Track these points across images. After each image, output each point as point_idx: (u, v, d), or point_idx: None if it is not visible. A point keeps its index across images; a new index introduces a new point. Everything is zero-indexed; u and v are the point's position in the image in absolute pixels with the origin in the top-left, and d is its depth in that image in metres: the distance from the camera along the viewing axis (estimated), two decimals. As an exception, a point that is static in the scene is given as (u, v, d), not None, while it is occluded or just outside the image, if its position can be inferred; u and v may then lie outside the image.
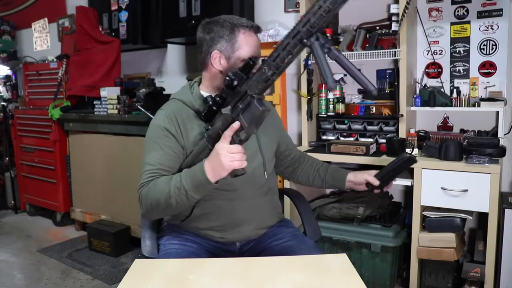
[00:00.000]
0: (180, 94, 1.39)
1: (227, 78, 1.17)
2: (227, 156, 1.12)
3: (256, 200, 1.42)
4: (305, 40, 1.02)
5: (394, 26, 2.23)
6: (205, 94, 1.37)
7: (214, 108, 1.22)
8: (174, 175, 1.23)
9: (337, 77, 2.51)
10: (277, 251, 1.37)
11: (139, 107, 2.82)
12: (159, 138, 1.31)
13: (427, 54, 2.39)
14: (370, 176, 1.46)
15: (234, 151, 1.13)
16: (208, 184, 1.16)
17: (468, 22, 2.28)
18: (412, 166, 2.02)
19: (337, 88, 2.43)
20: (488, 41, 2.24)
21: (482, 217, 2.08)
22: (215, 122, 1.22)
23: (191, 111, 1.34)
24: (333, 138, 2.43)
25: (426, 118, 2.40)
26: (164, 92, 3.04)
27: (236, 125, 1.15)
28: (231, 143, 1.15)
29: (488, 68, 2.25)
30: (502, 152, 1.98)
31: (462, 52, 2.32)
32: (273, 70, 1.09)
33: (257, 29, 1.35)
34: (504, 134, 2.17)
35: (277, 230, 1.46)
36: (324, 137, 2.48)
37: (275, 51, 1.08)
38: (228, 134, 1.15)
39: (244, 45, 1.31)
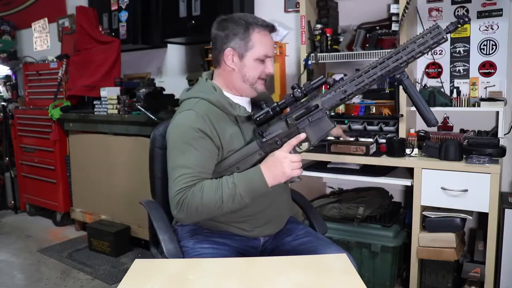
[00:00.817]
0: (203, 93, 1.34)
1: (298, 90, 1.21)
2: (290, 165, 1.19)
3: (284, 194, 1.48)
4: (397, 76, 1.15)
5: (394, 26, 2.23)
6: (225, 92, 1.37)
7: (271, 113, 1.25)
8: (221, 179, 1.21)
9: (337, 77, 2.51)
10: (294, 246, 1.40)
11: (139, 107, 2.83)
12: (193, 140, 1.25)
13: (427, 54, 2.38)
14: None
15: (295, 159, 1.20)
16: (266, 190, 1.20)
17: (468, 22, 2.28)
18: (412, 166, 2.03)
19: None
20: (488, 41, 2.24)
21: (482, 217, 2.08)
22: (271, 129, 1.25)
23: (219, 111, 1.32)
24: (333, 138, 2.43)
25: (426, 118, 2.40)
26: (164, 92, 3.05)
27: (303, 136, 1.21)
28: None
29: (488, 68, 2.25)
30: (502, 152, 1.98)
31: (462, 52, 2.32)
32: (353, 92, 1.18)
33: (272, 29, 1.36)
34: (504, 134, 2.17)
35: (290, 226, 1.49)
36: (324, 137, 2.47)
37: (358, 76, 1.16)
38: (293, 143, 1.21)
39: (258, 44, 1.32)
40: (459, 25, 1.13)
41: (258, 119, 1.26)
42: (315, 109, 1.21)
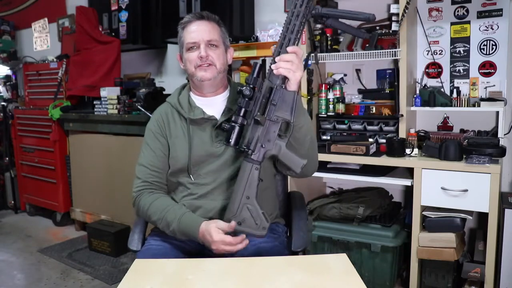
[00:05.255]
0: (171, 95, 1.46)
1: (246, 88, 1.17)
2: (220, 246, 1.19)
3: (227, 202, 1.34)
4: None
5: (394, 26, 2.23)
6: (192, 95, 1.42)
7: (238, 127, 1.20)
8: (170, 209, 1.31)
9: (337, 77, 2.51)
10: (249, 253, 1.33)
11: (139, 107, 2.82)
12: (149, 140, 1.42)
13: (427, 54, 2.39)
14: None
15: (228, 242, 1.19)
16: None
17: (468, 22, 2.28)
18: (412, 166, 2.03)
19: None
20: (488, 41, 2.24)
21: (482, 217, 2.08)
22: (248, 138, 1.19)
23: (176, 112, 1.41)
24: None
25: (426, 118, 2.40)
26: (164, 92, 3.05)
27: (233, 224, 1.21)
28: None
29: (488, 68, 2.25)
30: (502, 152, 1.98)
31: (462, 52, 2.32)
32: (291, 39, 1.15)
33: (195, 16, 1.36)
34: (504, 134, 2.17)
35: (253, 243, 1.36)
36: (324, 137, 2.48)
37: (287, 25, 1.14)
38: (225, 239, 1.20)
39: (185, 36, 1.35)
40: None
41: (232, 141, 1.18)
42: (271, 92, 1.16)
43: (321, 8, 1.16)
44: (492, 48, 2.24)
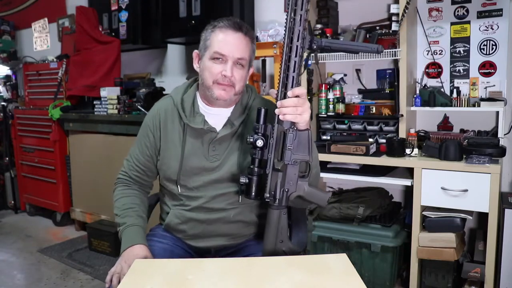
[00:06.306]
0: (175, 91, 1.40)
1: (258, 139, 1.12)
2: (117, 267, 1.24)
3: (229, 212, 1.33)
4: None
5: (394, 26, 2.23)
6: (198, 98, 1.36)
7: (256, 179, 1.15)
8: (128, 212, 1.37)
9: (337, 77, 2.51)
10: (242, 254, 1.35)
11: (139, 107, 2.83)
12: (142, 135, 1.40)
13: (427, 54, 2.39)
14: None
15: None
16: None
17: (468, 22, 2.28)
18: (412, 166, 2.03)
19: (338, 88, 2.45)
20: (488, 41, 2.24)
21: (482, 217, 2.08)
22: (270, 185, 1.14)
23: (177, 113, 1.34)
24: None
25: (426, 118, 2.40)
26: (164, 92, 3.05)
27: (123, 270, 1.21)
28: None
29: (488, 68, 2.25)
30: (502, 152, 1.98)
31: (462, 52, 2.32)
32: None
33: (233, 26, 1.25)
34: (504, 134, 2.17)
35: (255, 247, 1.36)
36: (324, 137, 2.48)
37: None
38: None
39: (214, 42, 1.24)
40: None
41: (252, 194, 1.14)
42: (283, 136, 1.10)
43: (321, 40, 1.11)
44: (492, 48, 2.24)
